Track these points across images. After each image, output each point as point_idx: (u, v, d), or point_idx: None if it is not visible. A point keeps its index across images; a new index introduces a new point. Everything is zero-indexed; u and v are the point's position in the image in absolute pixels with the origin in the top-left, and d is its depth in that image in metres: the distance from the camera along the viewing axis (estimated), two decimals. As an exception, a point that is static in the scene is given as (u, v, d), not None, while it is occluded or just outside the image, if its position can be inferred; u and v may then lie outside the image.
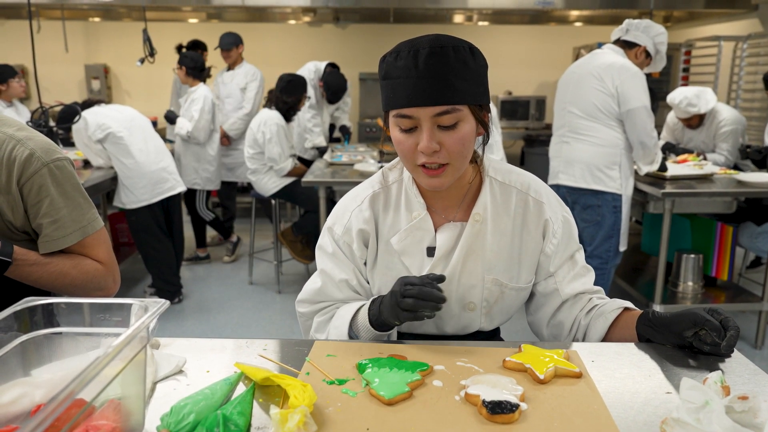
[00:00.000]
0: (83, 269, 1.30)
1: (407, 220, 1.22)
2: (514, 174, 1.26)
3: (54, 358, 0.83)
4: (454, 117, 1.07)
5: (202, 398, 0.85)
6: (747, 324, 3.60)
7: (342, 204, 1.28)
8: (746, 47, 5.06)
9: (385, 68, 1.10)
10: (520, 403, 0.88)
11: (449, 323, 1.25)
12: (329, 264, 1.26)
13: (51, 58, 6.45)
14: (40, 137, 1.27)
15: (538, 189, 1.25)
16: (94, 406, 0.72)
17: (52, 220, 1.25)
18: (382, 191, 1.26)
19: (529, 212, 1.23)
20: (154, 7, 5.63)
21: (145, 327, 0.74)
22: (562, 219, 1.25)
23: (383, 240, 1.23)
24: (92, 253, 1.32)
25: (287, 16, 6.43)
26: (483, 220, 1.20)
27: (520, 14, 6.10)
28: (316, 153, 4.78)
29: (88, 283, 1.31)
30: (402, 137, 1.10)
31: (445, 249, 1.20)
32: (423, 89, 1.05)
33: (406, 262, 1.22)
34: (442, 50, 1.05)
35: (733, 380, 0.98)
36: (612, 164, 2.99)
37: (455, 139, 1.08)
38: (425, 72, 1.04)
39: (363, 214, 1.23)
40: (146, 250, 3.71)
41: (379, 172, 1.31)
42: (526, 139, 6.44)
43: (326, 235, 1.28)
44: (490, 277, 1.21)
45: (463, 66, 1.06)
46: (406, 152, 1.11)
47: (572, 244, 1.26)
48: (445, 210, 1.23)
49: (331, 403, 0.90)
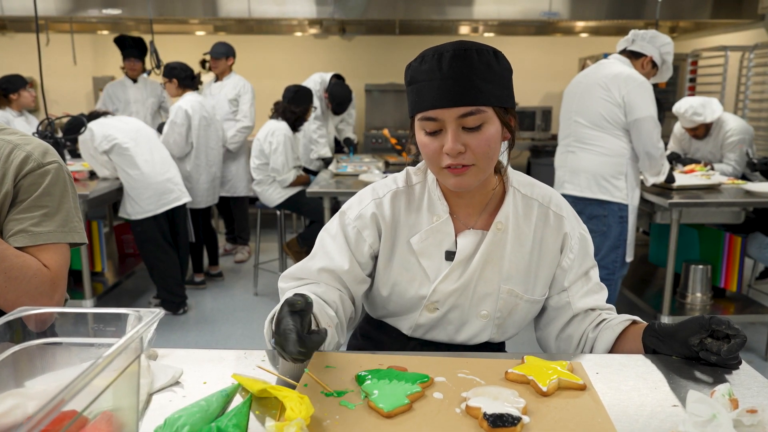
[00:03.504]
0: (26, 262, 1.19)
1: (429, 221, 1.21)
2: (536, 187, 1.26)
3: (47, 369, 0.82)
4: (479, 118, 1.07)
5: (198, 410, 0.84)
6: (756, 336, 3.56)
7: (361, 193, 1.27)
8: (753, 57, 5.03)
9: (411, 74, 1.11)
10: (522, 416, 0.86)
11: (461, 331, 1.24)
12: (329, 246, 1.23)
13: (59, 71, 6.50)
14: (37, 142, 1.27)
15: (559, 203, 1.26)
16: (87, 417, 0.71)
17: (33, 215, 1.22)
18: (405, 190, 1.25)
19: (549, 226, 1.23)
20: (162, 20, 5.68)
21: (138, 337, 0.73)
22: (579, 236, 1.25)
23: (402, 239, 1.22)
24: (45, 257, 1.22)
25: (293, 28, 6.47)
26: (504, 229, 1.20)
27: (526, 25, 6.11)
28: (321, 164, 4.79)
29: (24, 279, 1.17)
30: (427, 140, 1.11)
31: (465, 254, 1.20)
32: (447, 90, 1.05)
33: (424, 263, 1.21)
34: (465, 53, 1.06)
35: (741, 393, 0.95)
36: (618, 174, 2.97)
37: (480, 140, 1.08)
38: (449, 74, 1.05)
39: (383, 206, 1.23)
40: (151, 261, 3.71)
41: (403, 171, 1.30)
42: (532, 150, 6.42)
43: (336, 219, 1.26)
44: (506, 287, 1.21)
45: (487, 68, 1.07)
46: (431, 155, 1.11)
47: (588, 261, 1.26)
48: (466, 216, 1.23)
49: (329, 415, 0.88)
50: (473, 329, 1.24)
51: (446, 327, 1.24)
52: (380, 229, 1.23)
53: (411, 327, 1.26)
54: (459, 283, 1.20)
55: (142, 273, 4.37)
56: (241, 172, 4.77)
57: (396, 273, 1.23)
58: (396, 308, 1.26)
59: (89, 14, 5.46)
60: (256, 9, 5.41)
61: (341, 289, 1.23)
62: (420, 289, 1.21)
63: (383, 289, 1.25)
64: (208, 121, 4.19)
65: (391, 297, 1.25)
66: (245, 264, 4.92)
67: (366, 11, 5.53)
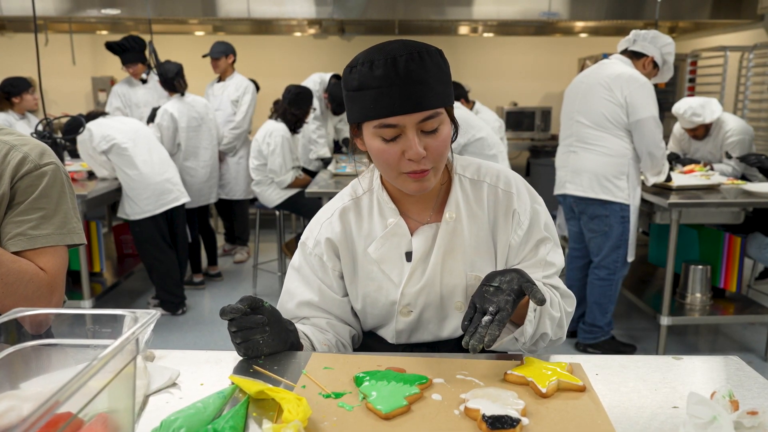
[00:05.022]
0: (22, 267, 1.18)
1: (382, 228, 1.21)
2: (483, 168, 1.25)
3: (42, 371, 0.82)
4: (437, 121, 1.07)
5: (194, 412, 0.83)
6: (756, 336, 3.55)
7: (313, 219, 1.29)
8: (752, 57, 5.03)
9: (359, 78, 1.06)
10: (521, 418, 0.85)
11: (443, 326, 1.24)
12: (294, 282, 1.27)
13: (58, 71, 6.49)
14: (34, 142, 1.26)
15: (507, 180, 1.23)
16: (83, 420, 0.70)
17: (31, 218, 1.22)
18: (353, 203, 1.25)
19: (500, 204, 1.21)
20: (161, 20, 5.67)
21: (134, 339, 0.72)
22: (531, 210, 1.21)
23: (360, 251, 1.23)
24: (42, 261, 1.22)
25: (293, 29, 6.46)
26: (456, 217, 1.19)
27: (525, 25, 6.11)
28: (320, 164, 4.78)
29: (21, 284, 1.16)
30: (385, 147, 1.08)
31: (422, 252, 1.19)
32: (407, 96, 1.03)
33: (386, 269, 1.21)
34: (420, 56, 1.04)
35: (742, 394, 0.95)
36: (620, 174, 2.97)
37: (439, 142, 1.08)
38: (408, 78, 1.03)
39: (333, 226, 1.24)
40: (150, 261, 3.70)
41: (349, 184, 1.30)
42: (531, 150, 6.42)
43: (299, 250, 1.28)
44: (472, 274, 1.20)
45: (438, 69, 1.06)
46: (390, 161, 1.09)
47: (536, 234, 1.21)
48: (418, 214, 1.23)
49: (327, 417, 0.87)
50: (455, 322, 1.23)
51: (427, 326, 1.24)
52: (336, 250, 1.24)
53: (393, 335, 1.25)
54: (423, 281, 1.20)
55: (140, 273, 4.36)
56: (240, 176, 4.74)
57: (363, 285, 1.23)
58: (374, 320, 1.27)
59: (88, 14, 5.45)
60: (255, 9, 5.40)
61: (325, 316, 1.25)
62: (389, 295, 1.22)
63: (356, 303, 1.26)
64: (199, 121, 4.17)
65: (365, 309, 1.25)
66: (244, 264, 4.91)
67: (365, 11, 5.52)
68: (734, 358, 1.09)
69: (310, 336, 1.19)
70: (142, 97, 4.78)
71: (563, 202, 3.28)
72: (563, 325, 1.18)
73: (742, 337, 3.61)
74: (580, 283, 3.33)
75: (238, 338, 1.05)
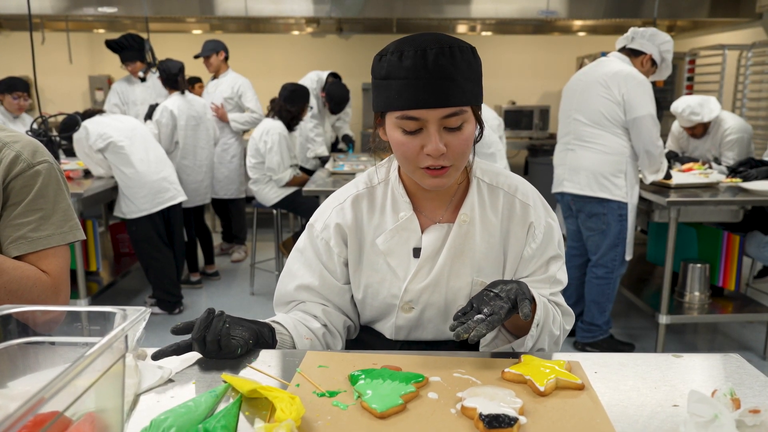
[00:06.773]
0: (24, 273, 1.17)
1: (393, 220, 1.20)
2: (502, 176, 1.24)
3: (29, 369, 0.80)
4: (461, 118, 1.05)
5: (185, 411, 0.82)
6: (755, 335, 3.54)
7: (325, 202, 1.28)
8: (751, 56, 5.03)
9: (387, 68, 1.05)
10: (518, 417, 0.83)
11: (444, 327, 1.22)
12: (297, 264, 1.25)
13: (55, 70, 6.48)
14: (26, 139, 1.24)
15: (525, 192, 1.22)
16: (71, 419, 0.69)
17: (30, 219, 1.20)
18: (367, 192, 1.24)
19: (515, 214, 1.20)
20: (158, 19, 5.65)
21: (122, 336, 0.71)
22: (546, 224, 1.21)
23: (368, 241, 1.21)
24: (45, 263, 1.21)
25: (291, 27, 6.45)
26: (470, 221, 1.18)
27: (524, 24, 6.10)
28: (318, 163, 4.76)
29: (24, 290, 1.16)
30: (405, 139, 1.07)
31: (431, 250, 1.18)
32: (433, 90, 1.02)
33: (391, 263, 1.20)
34: (450, 50, 1.03)
35: (743, 392, 0.93)
36: (618, 172, 2.95)
37: (461, 140, 1.06)
38: (436, 73, 1.02)
39: (344, 213, 1.22)
40: (147, 260, 3.68)
41: (365, 172, 1.28)
42: (529, 149, 6.41)
43: (306, 232, 1.27)
44: (479, 279, 1.19)
45: (468, 67, 1.05)
46: (409, 154, 1.08)
47: (549, 251, 1.22)
48: (432, 211, 1.21)
49: (321, 416, 0.86)
50: None
51: (427, 326, 1.23)
52: (344, 237, 1.22)
53: (391, 330, 1.24)
54: (429, 280, 1.18)
55: (137, 272, 4.34)
56: (233, 175, 4.73)
57: (366, 275, 1.22)
58: (373, 312, 1.25)
59: (85, 13, 5.43)
60: (252, 7, 5.39)
61: (323, 302, 1.24)
62: (391, 289, 1.20)
63: (357, 293, 1.24)
64: (197, 120, 4.15)
65: (365, 300, 1.24)
66: (242, 263, 4.90)
67: (363, 10, 5.51)
68: (734, 355, 1.07)
69: (291, 331, 1.16)
70: (140, 95, 4.77)
71: (561, 200, 3.27)
72: (559, 342, 1.20)
73: (740, 335, 3.60)
74: (578, 281, 3.32)
75: (209, 336, 1.00)
